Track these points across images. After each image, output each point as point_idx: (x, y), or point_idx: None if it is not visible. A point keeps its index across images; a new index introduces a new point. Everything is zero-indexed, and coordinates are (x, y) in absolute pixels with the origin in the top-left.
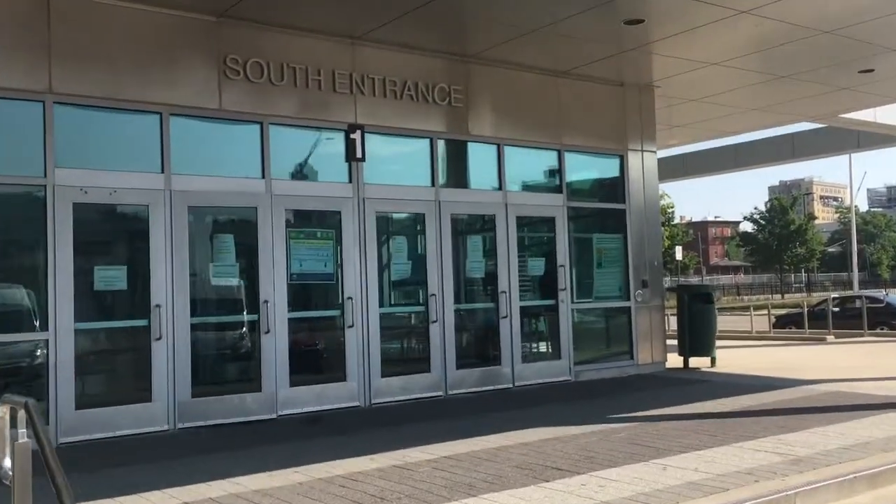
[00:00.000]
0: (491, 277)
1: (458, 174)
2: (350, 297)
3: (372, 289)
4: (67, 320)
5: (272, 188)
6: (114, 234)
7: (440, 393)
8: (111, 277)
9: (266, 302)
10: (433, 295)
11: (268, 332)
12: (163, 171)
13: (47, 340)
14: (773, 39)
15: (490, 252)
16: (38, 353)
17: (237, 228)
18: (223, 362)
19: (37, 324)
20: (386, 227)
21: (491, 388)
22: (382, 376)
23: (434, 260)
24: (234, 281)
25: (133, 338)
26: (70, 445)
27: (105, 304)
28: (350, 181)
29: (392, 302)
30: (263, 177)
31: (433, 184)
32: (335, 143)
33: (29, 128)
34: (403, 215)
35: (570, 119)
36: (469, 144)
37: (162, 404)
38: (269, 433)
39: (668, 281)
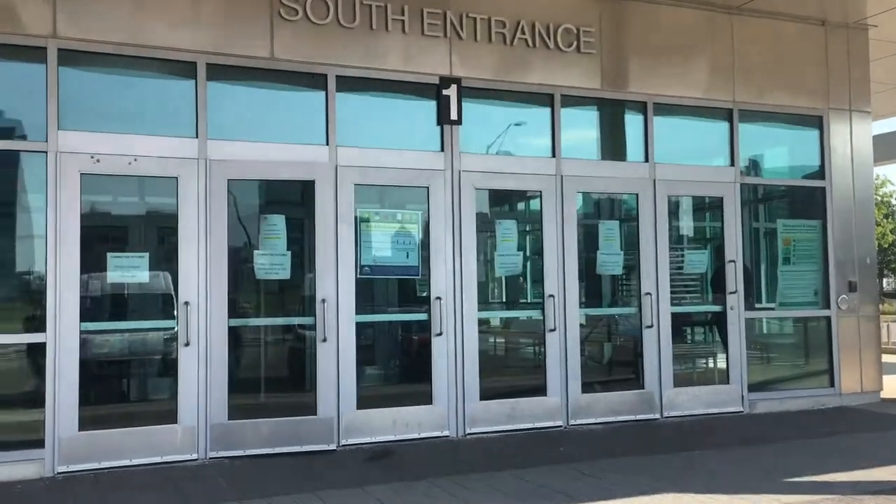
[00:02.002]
0: (631, 275)
1: (588, 141)
2: (439, 298)
3: (469, 287)
4: (71, 320)
5: (338, 157)
6: (133, 213)
7: (559, 423)
8: (129, 267)
9: (324, 301)
10: (551, 296)
11: (325, 339)
12: (196, 136)
13: (44, 344)
14: None
15: (631, 242)
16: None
17: (291, 208)
18: (269, 377)
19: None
20: (489, 208)
21: (629, 418)
22: (482, 398)
23: (553, 251)
24: (286, 274)
25: (155, 343)
26: (69, 476)
27: (121, 300)
28: (442, 149)
29: (495, 304)
30: (327, 143)
31: (554, 153)
32: (423, 102)
33: (27, 81)
34: (513, 193)
35: (747, 69)
36: (605, 102)
37: (190, 427)
38: (315, 471)
39: (893, 283)
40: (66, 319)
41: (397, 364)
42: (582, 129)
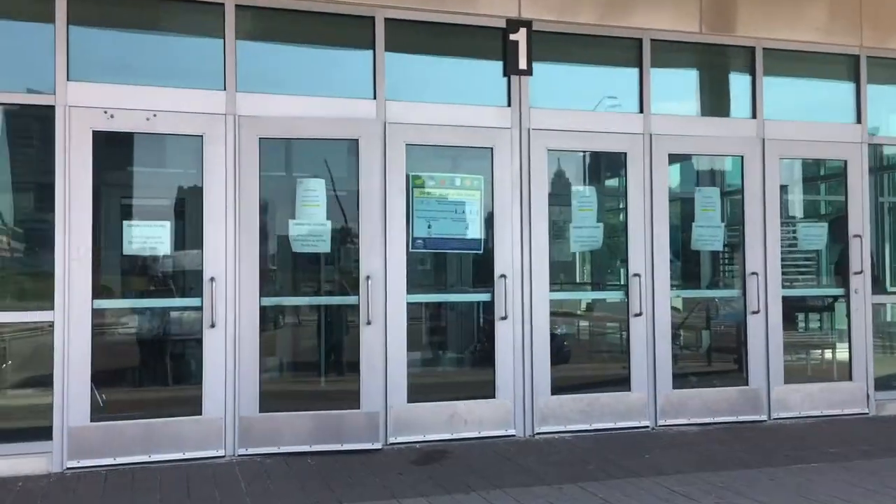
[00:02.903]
0: (734, 252)
1: (683, 94)
2: (504, 276)
3: (539, 264)
4: (82, 296)
5: (386, 113)
6: (152, 175)
7: (645, 423)
8: (148, 237)
9: (369, 278)
10: (637, 275)
11: (370, 322)
12: (224, 88)
13: (52, 323)
14: None
15: (733, 212)
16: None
17: (332, 171)
18: (306, 364)
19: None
20: (562, 172)
21: (730, 419)
22: (553, 393)
23: (640, 222)
24: (325, 247)
25: (178, 323)
26: (78, 472)
27: (137, 274)
28: (509, 104)
29: (571, 284)
30: (374, 97)
31: (642, 109)
32: (487, 48)
33: (33, 25)
34: (593, 156)
35: (877, 8)
36: (704, 49)
37: (216, 420)
38: (352, 476)
39: None
40: (76, 295)
41: (455, 351)
42: (676, 80)
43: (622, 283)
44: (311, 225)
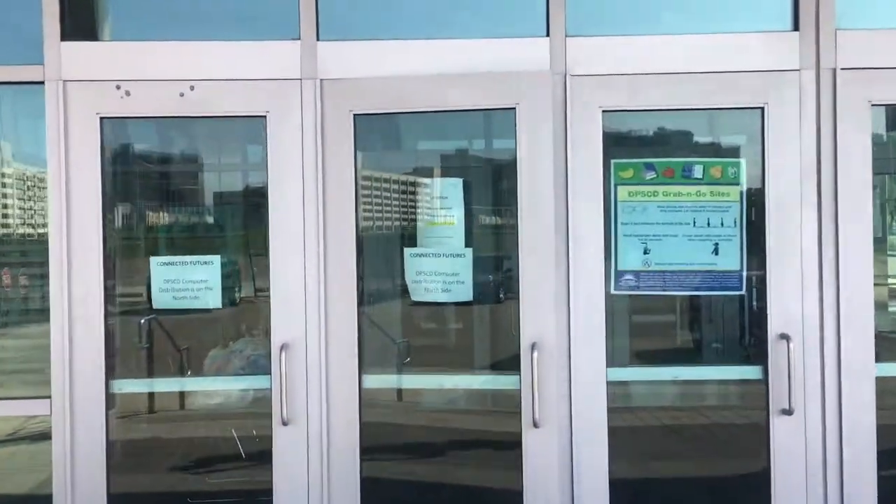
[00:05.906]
0: None
1: None
2: (787, 336)
3: (856, 314)
4: (91, 375)
5: (567, 59)
6: (190, 184)
7: None
8: (189, 283)
9: (535, 347)
10: None
11: (536, 425)
12: (299, 37)
13: (48, 416)
14: None
15: None
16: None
17: (473, 162)
18: (431, 478)
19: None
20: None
21: None
22: None
23: None
24: (464, 293)
25: (236, 415)
26: None
27: (174, 338)
28: (795, 27)
29: None
30: (547, 33)
31: None
32: None
33: None
34: None
35: None
36: None
37: None
38: None
39: None
40: (82, 375)
41: (695, 468)
42: None
43: None
44: (441, 256)
